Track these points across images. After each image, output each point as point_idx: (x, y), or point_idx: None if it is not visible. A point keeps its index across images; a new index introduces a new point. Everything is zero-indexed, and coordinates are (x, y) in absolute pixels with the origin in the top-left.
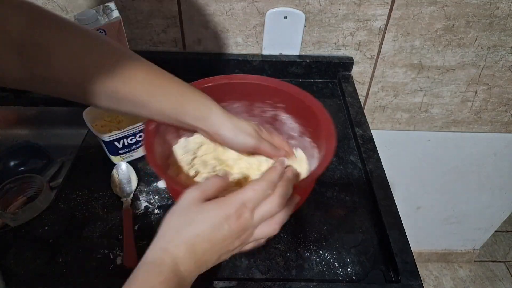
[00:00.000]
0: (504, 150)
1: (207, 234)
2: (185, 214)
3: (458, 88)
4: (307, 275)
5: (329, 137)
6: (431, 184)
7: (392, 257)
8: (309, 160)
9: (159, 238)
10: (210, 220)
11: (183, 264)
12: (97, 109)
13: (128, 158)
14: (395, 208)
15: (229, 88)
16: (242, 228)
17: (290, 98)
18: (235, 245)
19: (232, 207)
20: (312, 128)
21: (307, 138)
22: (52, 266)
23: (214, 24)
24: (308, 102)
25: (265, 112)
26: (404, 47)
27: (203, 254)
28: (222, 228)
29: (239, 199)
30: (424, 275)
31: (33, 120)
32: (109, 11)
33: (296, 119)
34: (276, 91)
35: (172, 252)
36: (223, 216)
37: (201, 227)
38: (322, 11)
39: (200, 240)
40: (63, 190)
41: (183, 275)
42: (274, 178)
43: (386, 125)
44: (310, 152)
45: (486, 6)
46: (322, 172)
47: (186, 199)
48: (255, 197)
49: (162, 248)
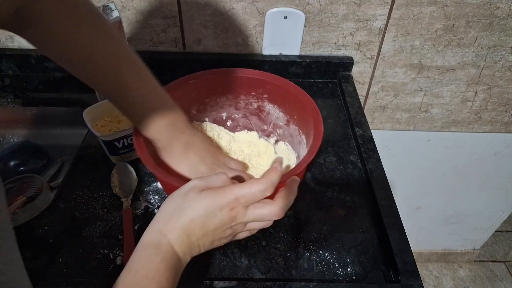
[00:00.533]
0: (504, 150)
1: (201, 221)
2: (183, 200)
3: (458, 88)
4: (307, 275)
5: (316, 122)
6: (431, 184)
7: (392, 257)
8: (296, 147)
9: (156, 220)
10: (204, 208)
11: (177, 246)
12: (97, 109)
13: (128, 158)
14: (395, 208)
15: (213, 83)
16: (233, 219)
17: (273, 87)
18: (227, 234)
19: (225, 199)
20: (297, 115)
21: (293, 126)
22: (52, 266)
23: (214, 24)
24: (292, 90)
25: (251, 104)
26: (404, 47)
27: (196, 239)
28: (214, 217)
29: (233, 193)
30: (424, 275)
31: (33, 120)
32: (109, 11)
33: (281, 108)
34: (258, 81)
35: (167, 235)
36: (216, 205)
37: (195, 213)
38: (322, 11)
39: (194, 226)
40: (63, 190)
41: (178, 256)
42: (273, 179)
43: (386, 125)
44: (297, 139)
45: (486, 6)
46: (312, 158)
47: (187, 186)
48: (249, 195)
49: (158, 231)
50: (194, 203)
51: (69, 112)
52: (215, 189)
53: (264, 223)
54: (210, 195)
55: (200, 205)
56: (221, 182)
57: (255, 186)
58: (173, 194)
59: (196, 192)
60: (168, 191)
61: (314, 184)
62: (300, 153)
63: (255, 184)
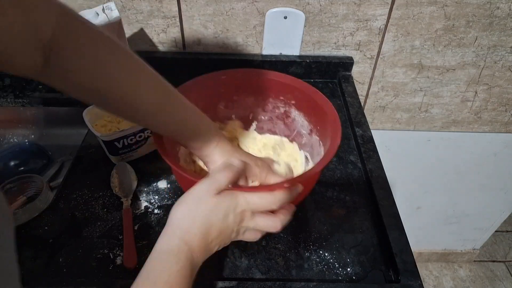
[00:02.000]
0: (504, 150)
1: (219, 224)
2: (201, 204)
3: (458, 88)
4: (307, 275)
5: (334, 136)
6: (431, 184)
7: (392, 257)
8: (315, 159)
9: (174, 226)
10: (222, 211)
11: (195, 252)
12: (97, 109)
13: (128, 158)
14: (395, 208)
15: (244, 82)
16: (241, 221)
17: (301, 94)
18: (233, 236)
19: (240, 201)
20: (320, 127)
21: (315, 136)
22: (52, 266)
23: (214, 24)
24: (319, 100)
25: (278, 108)
26: (404, 47)
27: (212, 241)
28: (228, 219)
29: (245, 197)
30: (424, 275)
31: (33, 120)
32: (109, 11)
33: (306, 117)
34: (289, 87)
35: (188, 240)
36: (230, 207)
37: (215, 217)
38: (322, 11)
39: (213, 230)
40: (63, 190)
41: (195, 261)
42: (283, 199)
43: (386, 125)
44: (317, 150)
45: (486, 6)
46: (319, 170)
47: (200, 191)
48: (258, 204)
49: (179, 237)
50: (214, 207)
51: (69, 112)
52: (229, 192)
53: (259, 234)
54: (228, 198)
55: (219, 209)
56: (226, 180)
57: (265, 199)
58: (185, 199)
59: (212, 196)
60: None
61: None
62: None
63: (266, 197)
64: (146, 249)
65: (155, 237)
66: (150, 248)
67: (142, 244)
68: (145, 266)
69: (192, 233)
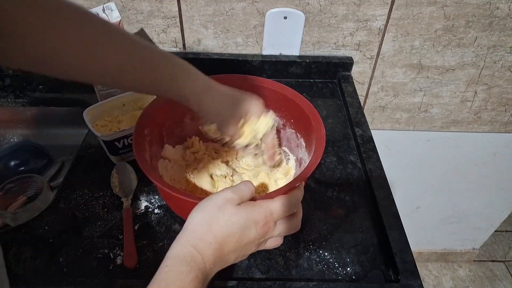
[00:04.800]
0: (504, 150)
1: (237, 236)
2: (220, 213)
3: (457, 88)
4: (307, 275)
5: (319, 141)
6: (431, 184)
7: (392, 257)
8: (295, 150)
9: (190, 232)
10: (242, 223)
11: (209, 262)
12: (97, 109)
13: (128, 158)
14: (395, 208)
15: None
16: (265, 234)
17: (269, 92)
18: (252, 250)
19: (262, 213)
20: (294, 119)
21: (290, 129)
22: (52, 266)
23: (214, 24)
24: (289, 94)
25: None
26: (404, 47)
27: (227, 253)
28: (250, 232)
29: (268, 208)
30: (424, 275)
31: (33, 120)
32: (109, 11)
33: (276, 113)
34: (255, 87)
35: (201, 249)
36: (253, 220)
37: (233, 228)
38: (322, 11)
39: (229, 241)
40: (63, 190)
41: (208, 272)
42: (300, 197)
43: (386, 125)
44: (295, 142)
45: (486, 6)
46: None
47: (221, 199)
48: (281, 210)
49: (192, 246)
50: (233, 217)
51: (70, 112)
52: (251, 203)
53: (281, 239)
54: (249, 209)
55: (239, 220)
56: (250, 192)
57: (287, 204)
58: (206, 204)
59: (233, 206)
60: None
61: (314, 184)
62: (299, 155)
63: (287, 200)
64: (146, 249)
65: (155, 237)
66: (151, 248)
67: (142, 244)
68: (158, 272)
69: (206, 242)
